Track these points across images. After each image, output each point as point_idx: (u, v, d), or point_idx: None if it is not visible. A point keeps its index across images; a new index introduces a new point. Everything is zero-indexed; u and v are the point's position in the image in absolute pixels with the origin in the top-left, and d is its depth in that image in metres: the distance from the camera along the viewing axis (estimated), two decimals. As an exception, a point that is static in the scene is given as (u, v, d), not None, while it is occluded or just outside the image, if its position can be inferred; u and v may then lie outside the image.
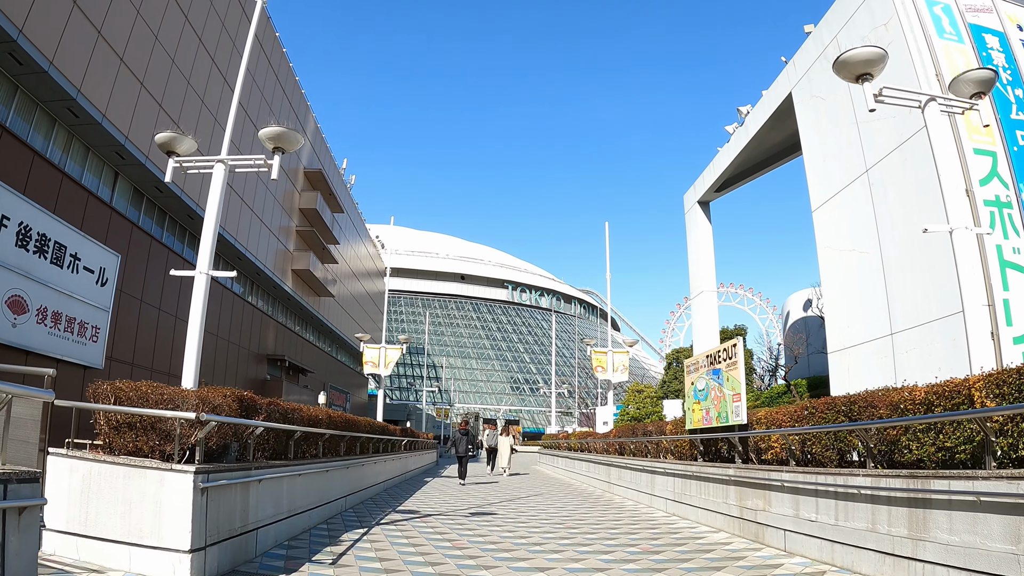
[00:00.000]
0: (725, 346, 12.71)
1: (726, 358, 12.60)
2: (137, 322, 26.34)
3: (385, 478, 21.83)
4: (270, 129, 11.13)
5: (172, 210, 29.31)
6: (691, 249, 39.19)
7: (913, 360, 18.99)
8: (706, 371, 13.59)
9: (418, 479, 27.16)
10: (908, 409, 7.68)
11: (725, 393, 12.35)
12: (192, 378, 9.98)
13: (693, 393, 14.27)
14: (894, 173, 20.26)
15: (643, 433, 18.82)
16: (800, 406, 10.10)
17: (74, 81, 20.87)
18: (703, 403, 13.59)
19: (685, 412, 14.97)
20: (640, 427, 19.86)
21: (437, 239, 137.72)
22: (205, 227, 11.36)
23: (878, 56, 9.14)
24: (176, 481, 7.21)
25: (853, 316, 22.01)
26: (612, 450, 22.09)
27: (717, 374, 12.92)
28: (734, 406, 11.98)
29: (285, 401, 11.96)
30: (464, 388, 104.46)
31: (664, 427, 17.12)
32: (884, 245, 20.53)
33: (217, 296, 33.69)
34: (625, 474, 19.64)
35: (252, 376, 38.76)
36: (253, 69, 35.80)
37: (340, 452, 15.06)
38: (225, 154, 11.43)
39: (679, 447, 15.59)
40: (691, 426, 14.32)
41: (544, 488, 23.08)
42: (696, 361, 14.58)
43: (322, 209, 46.72)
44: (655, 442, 17.32)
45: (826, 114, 24.10)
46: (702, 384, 13.69)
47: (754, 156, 32.32)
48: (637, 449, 19.10)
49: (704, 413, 13.51)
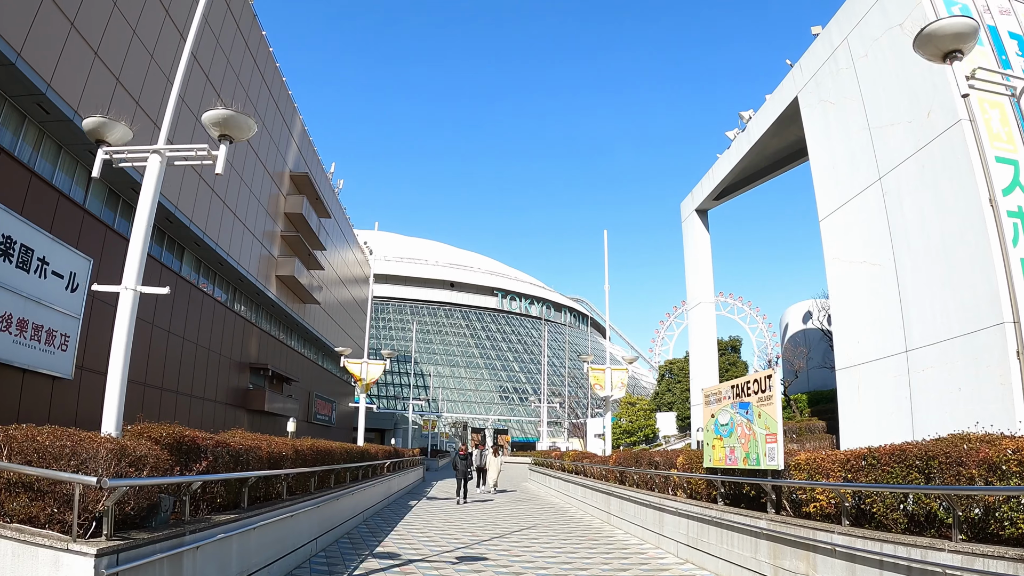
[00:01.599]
0: (757, 376, 11.16)
1: (757, 391, 11.05)
2: (111, 330, 24.94)
3: (365, 507, 19.98)
4: (215, 112, 8.92)
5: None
6: (688, 259, 38.17)
7: (931, 379, 17.95)
8: (731, 404, 12.03)
9: (403, 502, 25.49)
10: (1014, 471, 6.28)
11: (755, 431, 10.87)
12: (114, 421, 7.85)
13: (714, 427, 12.63)
14: (911, 181, 19.26)
15: (649, 463, 17.05)
16: (854, 453, 8.67)
17: (44, 75, 19.64)
18: (726, 440, 12.05)
19: (702, 447, 13.33)
20: (645, 455, 17.98)
21: (426, 245, 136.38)
22: (135, 232, 9.00)
23: (970, 29, 7.42)
24: (73, 565, 5.58)
25: (864, 331, 20.97)
26: (612, 477, 20.37)
27: (745, 408, 11.36)
28: (767, 447, 10.46)
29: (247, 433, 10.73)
30: (453, 397, 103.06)
31: (673, 458, 15.40)
32: (899, 257, 19.51)
33: (197, 302, 32.42)
34: (628, 507, 17.88)
35: (234, 385, 37.42)
36: (238, 68, 34.58)
37: (310, 488, 13.47)
38: (163, 143, 9.43)
39: (693, 484, 13.93)
40: (710, 464, 12.75)
41: (538, 516, 21.32)
42: (718, 391, 12.93)
43: (308, 214, 45.44)
44: (663, 476, 15.60)
45: (835, 119, 23.12)
46: (725, 418, 12.13)
47: (756, 163, 31.35)
48: (642, 480, 17.39)
49: (728, 452, 11.97)
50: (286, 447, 11.86)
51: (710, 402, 13.13)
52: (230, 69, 33.42)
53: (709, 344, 35.92)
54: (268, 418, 43.11)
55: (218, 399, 35.17)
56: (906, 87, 19.74)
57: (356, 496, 18.01)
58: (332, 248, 55.64)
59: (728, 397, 12.22)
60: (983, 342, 16.41)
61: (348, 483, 17.38)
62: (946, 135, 17.99)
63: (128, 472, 6.30)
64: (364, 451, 21.72)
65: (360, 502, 18.86)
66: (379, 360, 27.87)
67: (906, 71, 19.81)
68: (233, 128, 8.98)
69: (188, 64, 10.08)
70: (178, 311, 30.14)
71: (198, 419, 32.27)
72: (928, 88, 18.81)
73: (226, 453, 8.84)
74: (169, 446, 7.51)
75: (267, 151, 39.56)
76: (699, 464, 13.57)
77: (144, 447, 6.74)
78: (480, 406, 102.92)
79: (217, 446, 8.65)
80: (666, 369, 66.17)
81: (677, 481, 14.72)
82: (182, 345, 30.71)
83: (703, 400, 13.51)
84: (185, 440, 7.96)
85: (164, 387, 28.88)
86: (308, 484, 13.26)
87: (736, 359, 57.31)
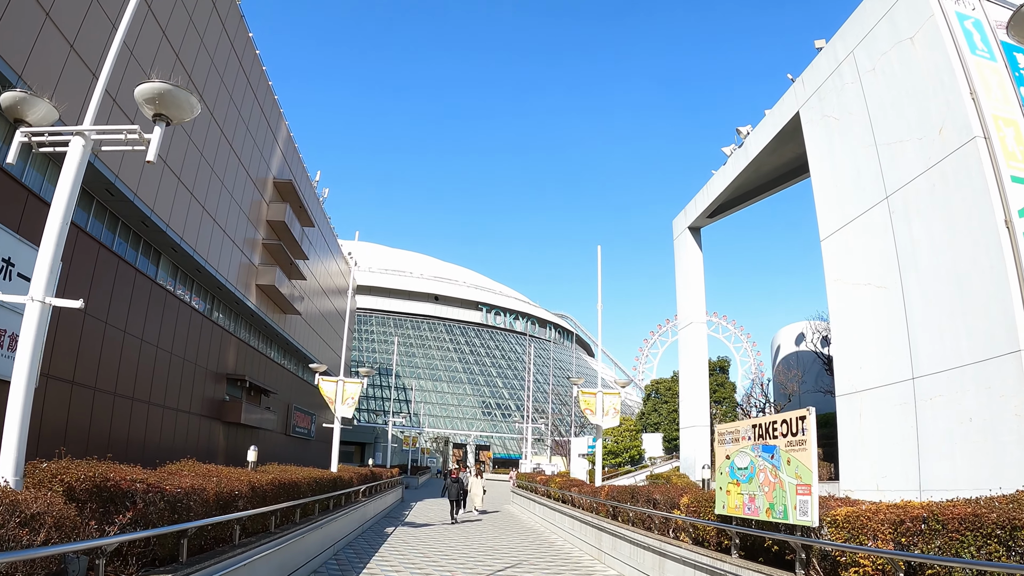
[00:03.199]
0: (786, 417, 9.71)
1: (787, 433, 9.62)
2: (80, 336, 23.82)
3: (336, 539, 18.13)
4: (148, 86, 7.47)
5: (125, 215, 26.80)
6: (680, 277, 37.32)
7: (939, 409, 17.07)
8: (751, 446, 10.68)
9: (378, 529, 23.72)
10: None
11: (783, 480, 9.50)
12: (12, 464, 6.10)
13: (730, 471, 11.24)
14: (920, 200, 18.47)
15: (646, 500, 15.45)
16: (909, 513, 7.37)
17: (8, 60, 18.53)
18: (744, 486, 10.69)
19: (715, 490, 11.86)
20: (643, 491, 16.29)
21: (411, 257, 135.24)
22: (47, 232, 7.54)
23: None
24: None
25: (867, 356, 20.10)
26: (603, 511, 18.78)
27: (770, 452, 9.99)
28: (799, 500, 9.02)
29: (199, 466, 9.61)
30: (435, 412, 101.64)
31: (676, 498, 13.88)
32: (906, 279, 18.68)
33: (173, 309, 31.19)
34: (622, 546, 16.14)
35: (209, 396, 36.11)
36: (222, 69, 33.52)
37: (271, 527, 12.00)
38: (90, 124, 7.88)
39: (700, 529, 12.35)
40: (723, 511, 11.28)
41: (523, 549, 19.58)
42: (735, 431, 11.50)
43: (291, 222, 44.29)
44: (663, 517, 14.11)
45: (840, 135, 22.36)
46: (744, 461, 10.78)
47: (752, 180, 30.59)
48: (638, 519, 15.85)
49: (746, 500, 10.53)
50: (240, 484, 10.44)
51: (725, 441, 11.77)
52: (214, 70, 32.37)
53: (700, 365, 35.04)
54: (245, 430, 41.76)
55: (192, 410, 33.85)
56: (916, 102, 19.00)
57: (326, 528, 16.38)
58: (315, 258, 54.45)
59: (748, 438, 10.86)
60: (997, 370, 15.56)
61: (317, 515, 15.94)
62: (959, 152, 17.23)
63: (20, 535, 5.01)
64: (336, 479, 19.77)
65: (330, 534, 17.18)
66: (356, 380, 25.77)
67: (917, 86, 19.09)
68: (170, 106, 7.57)
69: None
70: (152, 318, 28.90)
71: (171, 431, 31.00)
72: (940, 104, 18.08)
73: (160, 499, 7.44)
74: (88, 492, 6.26)
75: (250, 156, 38.44)
76: (708, 508, 12.18)
77: (43, 501, 5.40)
78: (462, 422, 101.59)
79: (149, 491, 7.26)
80: (652, 389, 65.21)
81: (681, 524, 13.35)
82: (155, 353, 29.45)
83: (717, 439, 12.08)
84: (108, 485, 6.64)
85: (135, 397, 27.60)
86: (268, 523, 11.86)
87: (724, 380, 56.49)
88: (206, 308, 36.26)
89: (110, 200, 25.46)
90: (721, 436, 11.93)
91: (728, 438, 11.66)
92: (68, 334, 22.80)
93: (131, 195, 25.27)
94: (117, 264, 26.03)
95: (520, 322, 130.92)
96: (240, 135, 36.54)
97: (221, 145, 34.02)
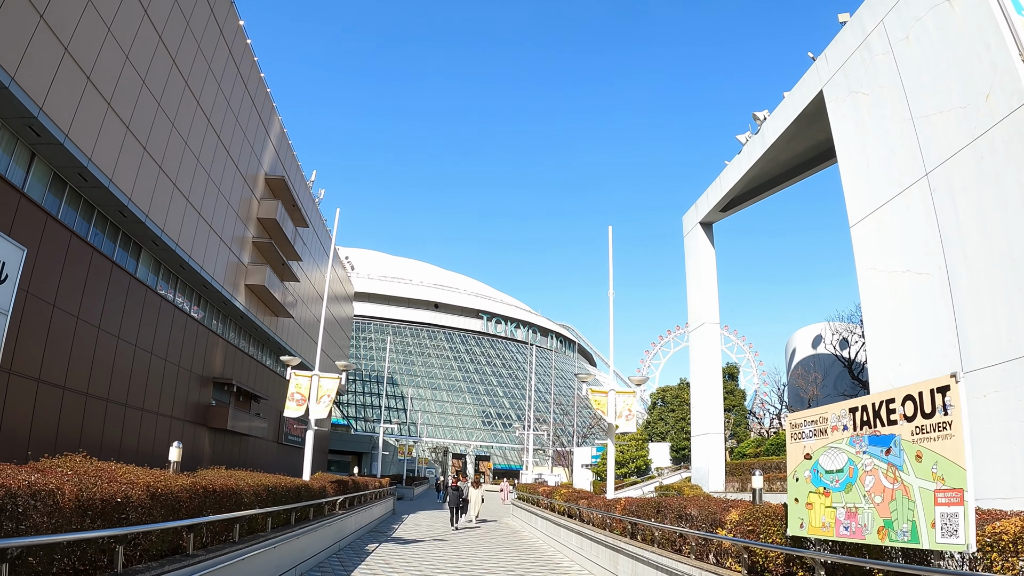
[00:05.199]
0: (912, 391, 6.85)
1: (912, 414, 6.79)
2: (48, 331, 22.04)
3: (299, 560, 14.81)
4: None
5: (101, 204, 25.04)
6: (690, 276, 35.46)
7: (993, 406, 15.20)
8: (849, 438, 7.74)
9: (359, 547, 20.57)
10: None
11: (908, 484, 6.69)
12: None
13: (812, 475, 8.35)
14: (966, 175, 16.66)
15: (677, 516, 12.39)
16: None
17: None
18: (837, 495, 7.80)
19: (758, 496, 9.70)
20: (671, 505, 13.02)
21: (411, 265, 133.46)
22: None
23: None
24: None
25: (907, 351, 18.23)
26: (619, 528, 15.91)
27: (883, 445, 7.15)
28: (939, 512, 6.25)
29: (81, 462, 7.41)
30: (434, 421, 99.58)
31: (719, 513, 10.71)
32: (952, 264, 16.85)
33: (154, 307, 29.41)
34: (645, 573, 13.11)
35: (194, 400, 34.29)
36: (210, 56, 31.85)
37: (188, 548, 9.09)
38: None
39: (759, 555, 9.45)
40: (801, 531, 8.47)
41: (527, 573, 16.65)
42: (820, 417, 8.46)
43: (283, 221, 42.51)
44: (703, 538, 11.05)
45: (869, 112, 20.61)
46: (836, 461, 7.91)
47: (769, 169, 28.81)
48: (664, 538, 12.87)
49: (841, 515, 7.69)
50: (135, 489, 7.65)
51: (802, 435, 8.75)
52: (200, 55, 30.69)
53: (713, 369, 33.13)
54: (233, 437, 39.92)
55: (175, 415, 32.00)
56: (958, 68, 17.25)
57: (283, 548, 13.30)
58: (310, 261, 52.69)
59: (843, 427, 7.88)
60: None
61: (270, 532, 13.07)
62: (1010, 119, 15.45)
63: None
64: (301, 488, 16.43)
65: (290, 556, 14.06)
66: (333, 375, 22.60)
67: (957, 51, 17.36)
68: None
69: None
70: (130, 314, 27.11)
71: (150, 436, 29.13)
72: (986, 68, 16.32)
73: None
74: None
75: (240, 150, 36.72)
76: (771, 526, 9.47)
77: None
78: (462, 431, 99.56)
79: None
80: (658, 397, 63.24)
81: (728, 547, 10.35)
82: (134, 353, 27.64)
83: (790, 433, 9.16)
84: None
85: (110, 399, 25.79)
86: (179, 542, 9.04)
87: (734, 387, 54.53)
88: (190, 307, 34.45)
89: (84, 186, 23.72)
90: (796, 428, 8.97)
91: (808, 430, 8.65)
92: (33, 327, 21.04)
93: (106, 180, 23.54)
94: (91, 255, 24.29)
95: (521, 331, 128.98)
96: (229, 126, 34.84)
97: (208, 135, 32.31)
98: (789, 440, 9.11)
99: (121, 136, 24.35)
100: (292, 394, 21.55)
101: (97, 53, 22.72)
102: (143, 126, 25.87)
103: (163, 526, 7.97)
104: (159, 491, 8.27)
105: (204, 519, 9.37)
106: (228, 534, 10.97)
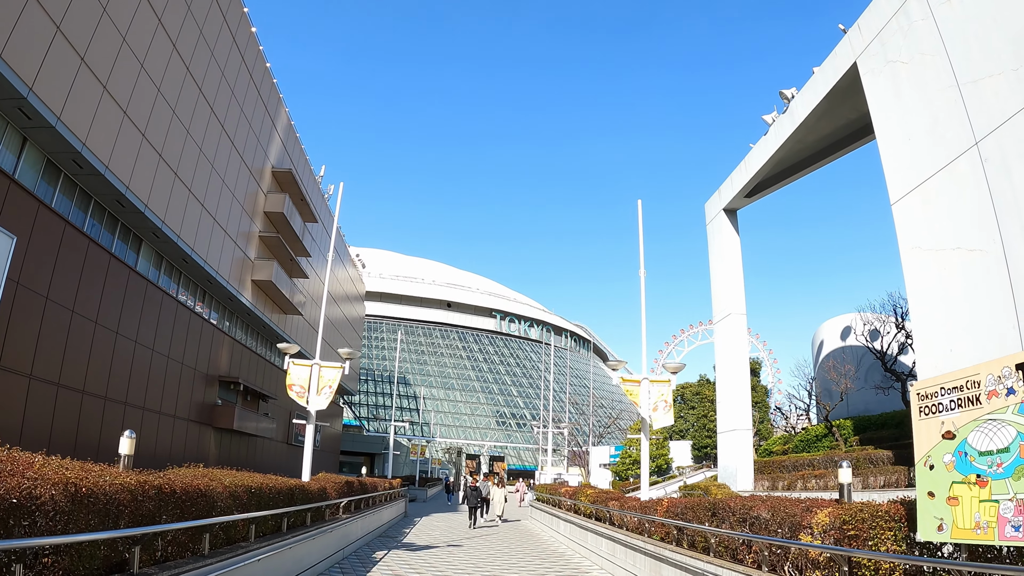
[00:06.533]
0: None
1: None
2: (40, 324, 20.99)
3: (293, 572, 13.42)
4: None
5: (97, 192, 23.98)
6: (714, 265, 34.04)
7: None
8: (1019, 404, 5.84)
9: (365, 554, 19.17)
10: None
11: None
12: None
13: (956, 460, 6.52)
14: (1021, 141, 15.24)
15: (742, 520, 10.45)
16: None
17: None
18: (1001, 484, 5.92)
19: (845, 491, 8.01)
20: (733, 506, 11.11)
21: (423, 264, 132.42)
22: None
23: None
24: None
25: (958, 337, 16.80)
26: (659, 533, 14.22)
27: None
28: None
29: None
30: (447, 421, 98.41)
31: (799, 515, 8.95)
32: (1009, 239, 15.42)
33: (155, 303, 28.35)
34: None
35: (198, 400, 33.22)
36: (213, 43, 30.79)
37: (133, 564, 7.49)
38: None
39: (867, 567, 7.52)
40: (940, 534, 6.68)
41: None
42: (967, 381, 6.53)
43: (291, 215, 41.43)
44: (776, 545, 9.28)
45: (909, 81, 19.19)
46: (996, 439, 6.01)
47: (797, 151, 27.38)
48: (722, 545, 11.06)
49: (1009, 510, 5.82)
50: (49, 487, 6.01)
51: (939, 409, 6.86)
52: (203, 41, 29.62)
53: (740, 362, 31.65)
54: (240, 438, 38.86)
55: (178, 414, 30.94)
56: (1008, 28, 15.85)
57: (270, 561, 11.69)
58: (319, 257, 51.58)
59: (1007, 390, 5.94)
60: None
61: (253, 541, 11.51)
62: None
63: None
64: (295, 490, 14.75)
65: (280, 567, 12.53)
66: (335, 364, 21.24)
67: (1006, 8, 15.94)
68: None
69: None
70: (130, 309, 26.06)
71: (152, 436, 28.06)
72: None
73: None
74: None
75: (245, 141, 35.64)
76: (877, 529, 7.64)
77: None
78: (476, 431, 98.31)
79: None
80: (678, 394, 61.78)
81: (815, 556, 8.34)
82: (134, 349, 26.58)
83: (919, 408, 7.24)
84: None
85: (108, 397, 24.71)
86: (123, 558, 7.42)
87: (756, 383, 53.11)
88: (194, 303, 33.39)
89: (79, 174, 22.67)
90: (930, 398, 6.99)
91: (948, 401, 6.64)
92: (26, 319, 20.02)
93: (102, 167, 22.46)
94: (87, 246, 23.25)
95: (535, 330, 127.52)
96: (233, 116, 33.76)
97: (211, 124, 31.23)
98: (916, 416, 7.26)
99: (118, 122, 23.28)
100: (291, 385, 20.20)
101: (92, 34, 21.67)
102: (142, 112, 24.79)
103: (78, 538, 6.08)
104: (84, 491, 6.49)
105: (152, 528, 7.60)
106: (197, 545, 9.37)
